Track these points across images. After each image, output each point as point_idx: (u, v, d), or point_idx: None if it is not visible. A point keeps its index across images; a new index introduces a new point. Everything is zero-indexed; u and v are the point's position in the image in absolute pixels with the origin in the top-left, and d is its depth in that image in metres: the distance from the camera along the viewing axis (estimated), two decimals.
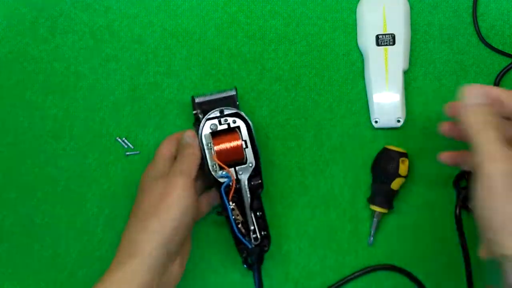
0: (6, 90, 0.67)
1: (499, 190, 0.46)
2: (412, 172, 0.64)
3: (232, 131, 0.60)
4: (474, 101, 0.50)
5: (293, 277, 0.64)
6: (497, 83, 0.66)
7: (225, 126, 0.60)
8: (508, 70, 0.66)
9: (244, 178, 0.60)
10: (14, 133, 0.67)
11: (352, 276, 0.63)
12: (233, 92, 0.63)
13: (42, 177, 0.66)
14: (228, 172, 0.59)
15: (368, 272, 0.64)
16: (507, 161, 0.46)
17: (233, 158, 0.59)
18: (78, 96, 0.67)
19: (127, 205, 0.65)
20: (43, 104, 0.67)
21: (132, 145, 0.66)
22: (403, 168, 0.62)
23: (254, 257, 0.59)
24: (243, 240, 0.59)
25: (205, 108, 0.62)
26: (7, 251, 0.65)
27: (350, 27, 0.68)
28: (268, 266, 0.64)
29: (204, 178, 0.60)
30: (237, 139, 0.60)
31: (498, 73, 0.66)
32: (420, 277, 0.63)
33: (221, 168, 0.59)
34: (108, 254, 0.65)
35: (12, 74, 0.68)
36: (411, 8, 0.67)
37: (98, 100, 0.67)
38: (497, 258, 0.46)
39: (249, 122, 0.60)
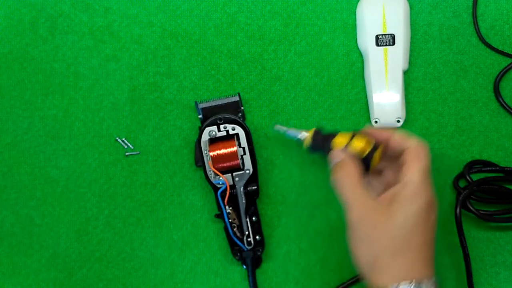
0: (6, 90, 0.67)
1: (359, 235, 0.51)
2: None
3: (229, 138, 0.61)
4: (336, 160, 0.55)
5: (293, 277, 0.64)
6: (497, 83, 0.66)
7: (224, 133, 0.61)
8: (508, 70, 0.66)
9: (240, 184, 0.61)
10: (14, 133, 0.67)
11: (354, 280, 0.63)
12: (236, 98, 0.64)
13: (42, 177, 0.66)
14: (223, 179, 0.60)
15: None
16: (362, 209, 0.51)
17: (229, 164, 0.61)
18: (78, 97, 0.67)
19: (127, 205, 0.65)
20: (43, 104, 0.67)
21: (132, 145, 0.66)
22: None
23: (248, 261, 0.62)
24: (238, 243, 0.61)
25: (209, 113, 0.63)
26: (7, 251, 0.65)
27: (350, 27, 0.68)
28: (268, 266, 0.64)
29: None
30: (232, 146, 0.60)
31: (498, 73, 0.66)
32: None
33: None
34: (108, 254, 0.65)
35: (12, 74, 0.68)
36: (411, 8, 0.67)
37: (98, 100, 0.67)
38: None
39: (248, 129, 0.62)
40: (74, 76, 0.67)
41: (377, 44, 0.65)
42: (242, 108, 0.64)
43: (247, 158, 0.62)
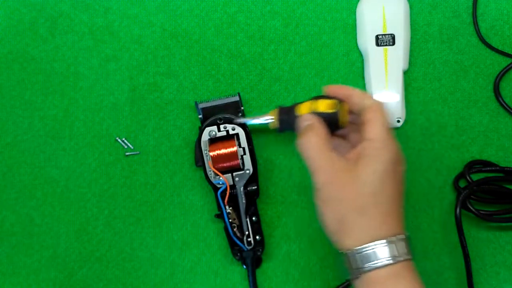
0: (6, 90, 0.67)
1: (326, 197, 0.51)
2: (411, 172, 0.65)
3: (229, 138, 0.61)
4: (305, 123, 0.54)
5: (293, 277, 0.64)
6: (496, 83, 0.66)
7: (224, 133, 0.61)
8: (508, 70, 0.66)
9: (240, 184, 0.61)
10: (14, 133, 0.67)
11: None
12: (236, 98, 0.64)
13: (42, 177, 0.66)
14: (223, 179, 0.60)
15: None
16: (329, 170, 0.50)
17: (229, 164, 0.61)
18: (78, 97, 0.67)
19: (127, 205, 0.65)
20: (43, 104, 0.67)
21: (131, 145, 0.66)
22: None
23: (248, 260, 0.62)
24: (238, 242, 0.61)
25: (209, 113, 0.63)
26: (7, 251, 0.65)
27: (350, 27, 0.68)
28: (268, 266, 0.64)
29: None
30: (232, 146, 0.60)
31: (498, 73, 0.66)
32: (420, 277, 0.63)
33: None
34: (108, 254, 0.65)
35: (12, 74, 0.68)
36: (411, 8, 0.67)
37: (97, 100, 0.67)
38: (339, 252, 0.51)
39: (248, 129, 0.62)
40: (74, 76, 0.67)
41: (377, 44, 0.65)
42: (242, 108, 0.64)
43: (247, 158, 0.62)
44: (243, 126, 0.62)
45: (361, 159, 0.50)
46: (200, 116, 0.64)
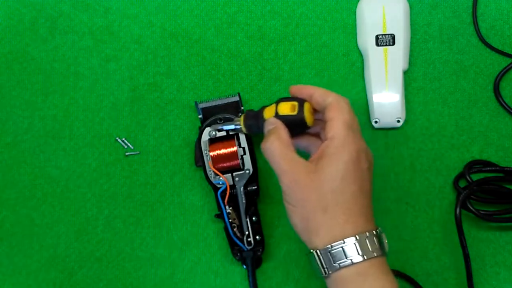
0: (6, 90, 0.67)
1: (292, 200, 0.51)
2: (411, 172, 0.65)
3: (229, 138, 0.61)
4: (270, 127, 0.54)
5: (293, 277, 0.64)
6: (496, 83, 0.66)
7: (224, 133, 0.61)
8: (508, 70, 0.66)
9: (240, 184, 0.61)
10: (14, 133, 0.67)
11: None
12: (236, 98, 0.64)
13: (42, 177, 0.66)
14: (223, 179, 0.60)
15: None
16: (293, 172, 0.51)
17: (229, 164, 0.61)
18: (78, 97, 0.67)
19: (127, 205, 0.65)
20: (43, 104, 0.67)
21: (132, 145, 0.66)
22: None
23: (248, 261, 0.61)
24: (239, 242, 0.61)
25: (209, 113, 0.63)
26: (7, 251, 0.65)
27: (350, 27, 0.68)
28: (269, 266, 0.64)
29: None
30: (232, 146, 0.60)
31: (498, 73, 0.66)
32: (420, 277, 0.63)
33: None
34: (108, 254, 0.65)
35: (12, 74, 0.68)
36: (411, 8, 0.67)
37: (98, 100, 0.67)
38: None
39: None
40: (74, 76, 0.68)
41: (377, 44, 0.65)
42: (242, 108, 0.64)
43: (247, 158, 0.62)
44: None
45: (322, 159, 0.50)
46: (200, 116, 0.64)
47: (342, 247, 0.48)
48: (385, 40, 0.65)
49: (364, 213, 0.50)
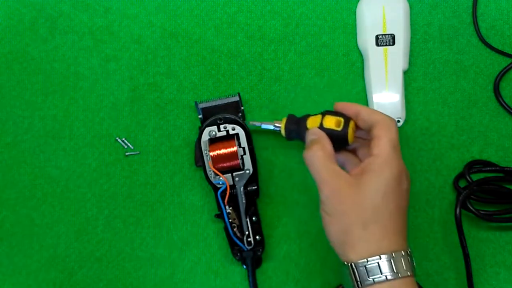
0: (6, 90, 0.67)
1: (331, 210, 0.51)
2: (411, 172, 0.65)
3: (229, 138, 0.61)
4: (312, 137, 0.55)
5: (293, 277, 0.64)
6: (496, 83, 0.66)
7: (224, 133, 0.61)
8: (508, 70, 0.66)
9: (240, 184, 0.61)
10: (14, 133, 0.67)
11: None
12: (236, 98, 0.64)
13: (42, 177, 0.66)
14: (223, 179, 0.60)
15: None
16: (334, 183, 0.51)
17: (229, 164, 0.61)
18: (78, 97, 0.67)
19: (127, 205, 0.65)
20: (43, 104, 0.67)
21: (132, 145, 0.66)
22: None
23: (248, 261, 0.61)
24: (238, 242, 0.61)
25: (209, 113, 0.63)
26: (7, 251, 0.65)
27: (350, 27, 0.68)
28: (269, 266, 0.64)
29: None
30: (232, 146, 0.60)
31: (498, 73, 0.66)
32: (420, 277, 0.63)
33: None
34: (108, 254, 0.65)
35: (12, 74, 0.68)
36: (411, 8, 0.67)
37: (97, 100, 0.67)
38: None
39: (248, 129, 0.62)
40: (74, 76, 0.68)
41: (377, 44, 0.65)
42: (242, 108, 0.64)
43: (247, 158, 0.62)
44: (243, 126, 0.62)
45: (365, 174, 0.51)
46: (200, 116, 0.64)
47: (378, 262, 0.49)
48: (385, 40, 0.65)
49: (399, 232, 0.51)
